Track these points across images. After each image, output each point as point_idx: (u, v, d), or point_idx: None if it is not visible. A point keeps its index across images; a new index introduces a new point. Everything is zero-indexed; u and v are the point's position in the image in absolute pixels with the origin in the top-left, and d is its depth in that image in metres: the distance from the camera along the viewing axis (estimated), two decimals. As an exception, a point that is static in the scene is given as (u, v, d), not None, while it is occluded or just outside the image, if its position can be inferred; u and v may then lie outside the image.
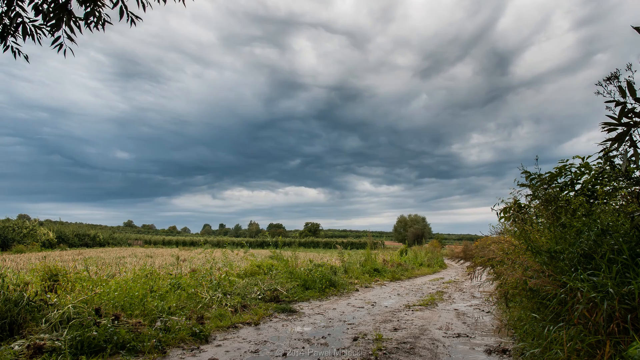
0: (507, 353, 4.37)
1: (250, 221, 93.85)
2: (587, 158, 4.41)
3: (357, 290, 9.89)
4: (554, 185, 4.71)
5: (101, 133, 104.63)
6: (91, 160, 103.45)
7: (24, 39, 3.90)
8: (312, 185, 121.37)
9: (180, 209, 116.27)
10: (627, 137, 2.65)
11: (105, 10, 3.91)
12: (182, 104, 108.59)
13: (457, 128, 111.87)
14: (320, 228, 68.19)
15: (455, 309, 7.36)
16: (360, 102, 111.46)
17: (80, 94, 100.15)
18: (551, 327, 3.16)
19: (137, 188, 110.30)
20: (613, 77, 3.15)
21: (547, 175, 4.78)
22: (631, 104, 2.61)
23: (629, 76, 2.98)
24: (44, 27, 3.86)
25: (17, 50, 3.99)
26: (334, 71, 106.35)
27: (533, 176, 4.89)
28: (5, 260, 16.03)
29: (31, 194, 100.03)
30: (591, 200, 4.37)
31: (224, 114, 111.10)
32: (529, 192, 5.07)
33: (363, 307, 7.46)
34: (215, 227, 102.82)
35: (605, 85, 3.21)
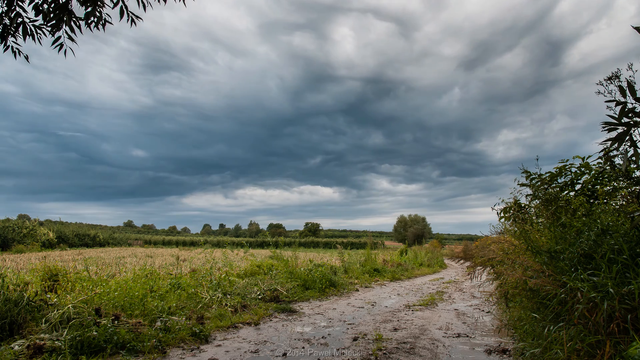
0: (507, 353, 4.37)
1: (251, 221, 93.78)
2: (587, 158, 4.42)
3: (357, 290, 9.89)
4: (554, 185, 4.71)
5: (121, 128, 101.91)
6: (107, 158, 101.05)
7: (24, 39, 3.89)
8: (328, 184, 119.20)
9: (190, 209, 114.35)
10: (628, 137, 2.65)
11: (105, 10, 3.91)
12: (208, 97, 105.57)
13: (490, 124, 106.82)
14: (320, 228, 68.19)
15: (455, 309, 7.36)
16: (393, 96, 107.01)
17: (103, 87, 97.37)
18: (551, 327, 3.16)
19: (149, 187, 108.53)
20: (614, 77, 3.15)
21: (547, 175, 4.78)
22: (631, 103, 2.61)
23: (630, 76, 2.97)
24: (45, 27, 3.86)
25: (17, 50, 3.99)
26: (371, 63, 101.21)
27: (533, 176, 4.89)
28: (5, 260, 16.03)
29: (42, 193, 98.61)
30: (591, 200, 4.37)
31: (250, 109, 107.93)
32: (529, 192, 5.07)
33: (363, 307, 7.46)
34: (215, 227, 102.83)
35: (606, 85, 3.21)
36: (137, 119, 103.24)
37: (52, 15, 3.72)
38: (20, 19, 3.79)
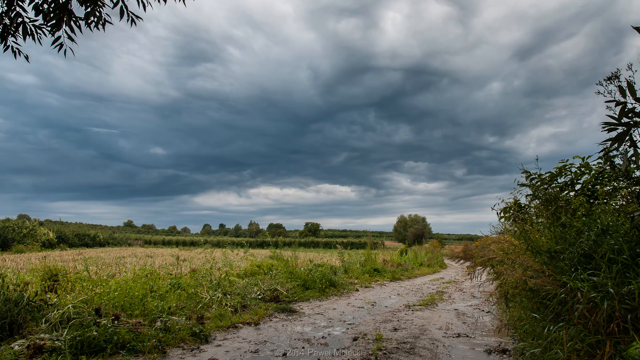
0: (507, 353, 4.37)
1: (251, 221, 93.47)
2: (587, 158, 4.42)
3: (357, 290, 9.89)
4: (554, 185, 4.71)
5: (145, 124, 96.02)
6: (127, 156, 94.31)
7: (24, 39, 3.90)
8: (346, 183, 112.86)
9: (201, 208, 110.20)
10: (627, 137, 2.65)
11: (105, 10, 3.91)
12: (240, 90, 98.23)
13: (529, 118, 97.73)
14: (320, 228, 68.20)
15: (455, 309, 7.36)
16: (433, 89, 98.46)
17: (129, 79, 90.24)
18: (551, 327, 3.16)
19: (164, 186, 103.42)
20: (614, 77, 3.15)
21: (547, 175, 4.78)
22: (631, 103, 2.61)
23: (630, 76, 2.98)
24: (45, 27, 3.86)
25: (17, 50, 4.00)
26: (417, 53, 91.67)
27: (533, 176, 4.89)
28: (5, 260, 16.03)
29: (58, 192, 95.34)
30: (591, 200, 4.37)
31: (281, 103, 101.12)
32: (529, 191, 5.07)
33: (363, 307, 7.46)
34: (215, 227, 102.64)
35: (606, 85, 3.21)
36: (163, 114, 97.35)
37: (52, 15, 3.72)
38: (20, 19, 3.79)
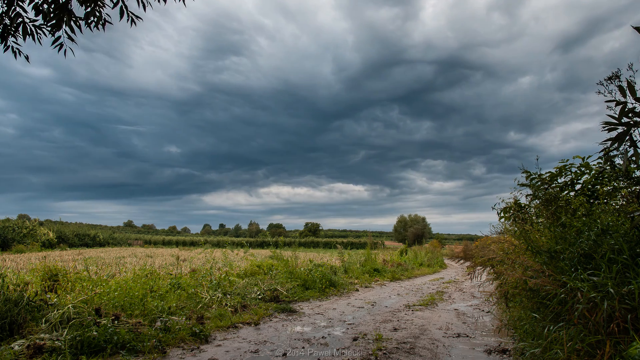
0: (507, 353, 4.37)
1: (250, 221, 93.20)
2: (588, 158, 4.42)
3: (357, 290, 9.89)
4: (554, 185, 4.71)
5: (160, 119, 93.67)
6: (142, 154, 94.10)
7: (24, 39, 3.89)
8: (360, 182, 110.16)
9: (210, 207, 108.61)
10: (627, 137, 2.65)
11: (105, 10, 3.91)
12: (266, 84, 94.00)
13: (561, 114, 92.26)
14: (320, 228, 68.20)
15: (455, 309, 7.36)
16: (464, 83, 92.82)
17: (149, 72, 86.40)
18: (551, 327, 3.16)
19: (175, 185, 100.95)
20: (614, 77, 3.15)
21: (547, 175, 4.78)
22: (632, 103, 2.61)
23: (630, 76, 2.97)
24: (45, 27, 3.86)
25: (17, 50, 3.99)
26: (453, 44, 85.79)
27: (533, 176, 4.89)
28: (5, 260, 16.03)
29: (68, 191, 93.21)
30: (591, 200, 4.37)
31: (304, 97, 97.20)
32: (530, 191, 5.07)
33: (363, 307, 7.46)
34: (215, 227, 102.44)
35: (607, 85, 3.20)
36: (182, 110, 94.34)
37: (52, 15, 3.72)
38: (20, 19, 3.79)
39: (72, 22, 3.79)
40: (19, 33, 3.88)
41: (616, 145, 2.68)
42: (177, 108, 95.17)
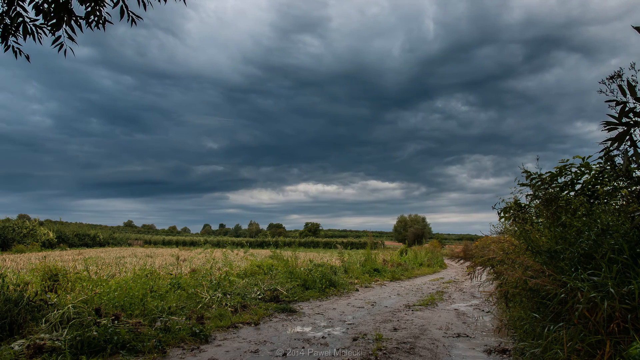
0: (507, 353, 4.37)
1: (251, 221, 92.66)
2: (588, 158, 4.41)
3: (357, 290, 9.88)
4: (554, 185, 4.71)
5: (209, 109, 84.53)
6: (179, 149, 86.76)
7: (25, 39, 3.90)
8: (397, 179, 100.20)
9: (231, 206, 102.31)
10: (628, 137, 2.65)
11: (105, 10, 3.91)
12: (334, 66, 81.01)
13: None
14: (320, 228, 68.19)
15: (455, 309, 7.36)
16: (558, 67, 77.17)
17: (208, 57, 76.90)
18: (551, 327, 3.16)
19: (202, 182, 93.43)
20: (616, 76, 3.15)
21: (547, 175, 4.78)
22: (632, 103, 2.61)
23: (632, 75, 2.97)
24: (45, 26, 3.86)
25: (18, 50, 3.99)
26: (558, 19, 70.23)
27: (533, 176, 4.89)
28: (5, 260, 16.02)
29: (91, 190, 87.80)
30: (591, 200, 4.37)
31: (368, 82, 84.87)
32: (530, 191, 5.07)
33: (363, 307, 7.46)
34: (215, 227, 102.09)
35: (608, 84, 3.20)
36: (233, 98, 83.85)
37: (52, 14, 3.72)
38: (20, 19, 3.79)
39: (72, 22, 3.79)
40: (19, 33, 3.88)
41: (616, 145, 2.68)
42: (232, 97, 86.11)
